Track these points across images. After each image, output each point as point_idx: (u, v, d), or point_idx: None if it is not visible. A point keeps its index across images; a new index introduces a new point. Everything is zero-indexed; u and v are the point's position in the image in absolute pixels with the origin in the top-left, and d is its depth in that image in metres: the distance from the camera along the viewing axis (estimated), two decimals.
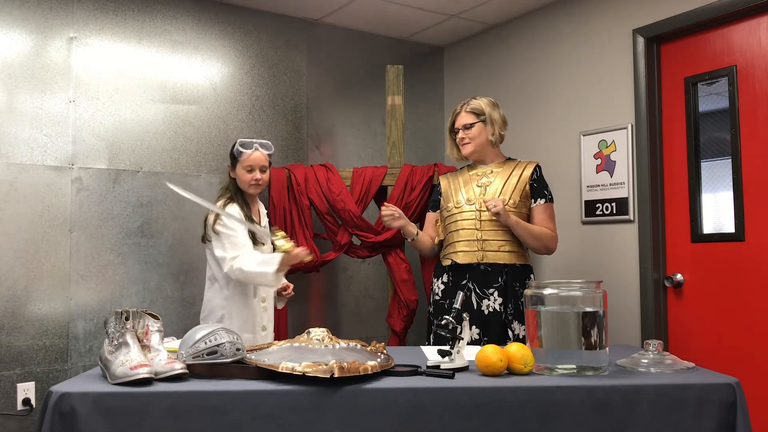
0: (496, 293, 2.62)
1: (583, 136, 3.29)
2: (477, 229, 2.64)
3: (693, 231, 2.90)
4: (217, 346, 1.71)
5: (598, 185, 3.21)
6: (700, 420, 1.65)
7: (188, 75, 3.36)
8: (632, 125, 3.07)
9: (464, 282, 2.66)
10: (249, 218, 2.70)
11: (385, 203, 2.77)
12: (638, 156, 3.04)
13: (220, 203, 2.70)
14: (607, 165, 3.18)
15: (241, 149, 2.70)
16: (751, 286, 2.70)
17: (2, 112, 2.87)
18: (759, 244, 2.68)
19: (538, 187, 2.70)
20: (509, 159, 2.80)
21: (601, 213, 3.19)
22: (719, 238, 2.81)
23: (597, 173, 3.22)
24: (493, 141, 2.73)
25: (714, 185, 2.86)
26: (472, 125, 2.71)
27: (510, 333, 2.61)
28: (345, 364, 1.65)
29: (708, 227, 2.88)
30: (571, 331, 1.80)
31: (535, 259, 3.55)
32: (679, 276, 2.94)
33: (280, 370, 1.65)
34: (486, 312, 2.62)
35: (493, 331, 2.60)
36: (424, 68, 4.14)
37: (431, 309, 2.79)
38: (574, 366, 1.77)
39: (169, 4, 3.32)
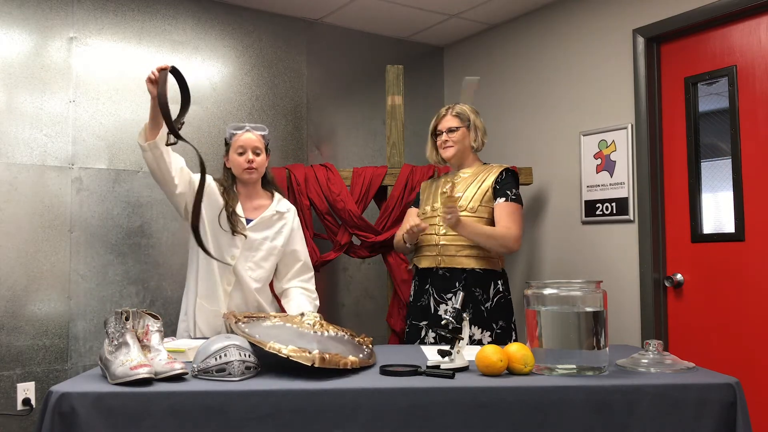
0: (453, 298, 2.64)
1: (583, 136, 3.29)
2: (436, 234, 2.69)
3: (693, 231, 2.90)
4: (226, 364, 1.71)
5: (598, 185, 3.21)
6: (700, 420, 1.65)
7: (188, 75, 3.31)
8: (632, 125, 3.07)
9: (427, 286, 2.73)
10: (228, 207, 2.51)
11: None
12: (638, 156, 3.04)
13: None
14: (607, 165, 3.18)
15: (231, 131, 2.59)
16: (751, 286, 2.70)
17: (2, 112, 2.87)
18: (759, 244, 2.68)
19: (500, 188, 2.69)
20: (485, 164, 2.83)
21: (601, 213, 3.19)
22: (719, 238, 2.81)
23: (597, 173, 3.22)
24: (474, 147, 2.78)
25: (714, 185, 2.86)
26: (456, 129, 2.74)
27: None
28: (327, 355, 1.70)
29: (708, 227, 2.88)
30: (571, 331, 1.80)
31: (532, 260, 3.55)
32: (679, 276, 2.94)
33: (267, 350, 1.73)
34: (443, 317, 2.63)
35: None
36: (424, 68, 4.14)
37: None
38: (574, 366, 1.77)
39: (169, 4, 3.32)
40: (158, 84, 2.21)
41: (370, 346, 1.97)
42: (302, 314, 1.95)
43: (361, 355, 1.83)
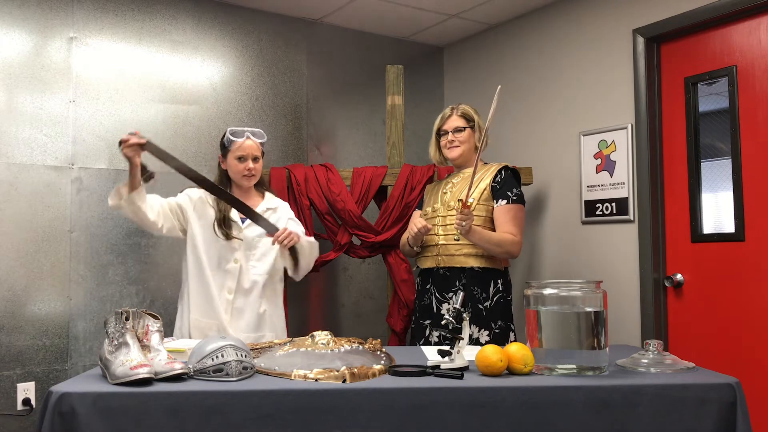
0: (454, 297, 2.64)
1: (583, 136, 3.29)
2: (435, 235, 2.71)
3: (693, 231, 2.90)
4: (223, 364, 1.71)
5: (598, 185, 3.21)
6: (700, 420, 1.65)
7: (188, 75, 3.36)
8: (632, 125, 3.07)
9: (429, 286, 2.75)
10: (220, 214, 2.58)
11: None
12: (638, 156, 3.04)
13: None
14: (607, 165, 3.18)
15: (231, 138, 2.59)
16: (751, 286, 2.69)
17: (2, 112, 2.87)
18: (759, 244, 2.67)
19: (500, 189, 2.68)
20: (485, 164, 2.83)
21: (601, 213, 3.19)
22: (719, 238, 2.81)
23: (597, 173, 3.22)
24: (478, 147, 2.75)
25: (714, 185, 2.86)
26: (462, 129, 2.76)
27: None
28: (355, 369, 1.70)
29: (708, 227, 2.88)
30: (571, 331, 1.80)
31: (532, 260, 3.55)
32: (679, 276, 2.94)
33: (293, 378, 1.71)
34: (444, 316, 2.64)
35: None
36: (424, 68, 4.14)
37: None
38: (574, 366, 1.77)
39: (169, 4, 3.32)
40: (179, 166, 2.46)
41: (384, 350, 1.98)
42: (312, 336, 1.95)
43: (382, 362, 1.85)
